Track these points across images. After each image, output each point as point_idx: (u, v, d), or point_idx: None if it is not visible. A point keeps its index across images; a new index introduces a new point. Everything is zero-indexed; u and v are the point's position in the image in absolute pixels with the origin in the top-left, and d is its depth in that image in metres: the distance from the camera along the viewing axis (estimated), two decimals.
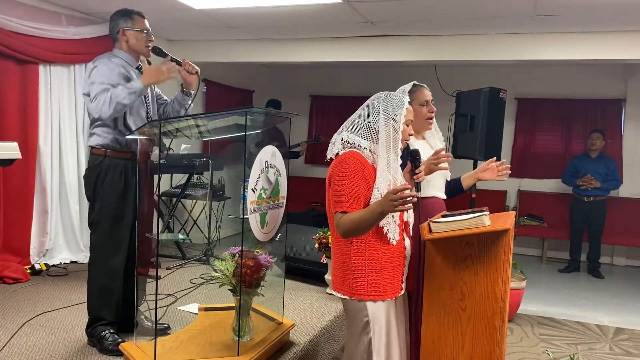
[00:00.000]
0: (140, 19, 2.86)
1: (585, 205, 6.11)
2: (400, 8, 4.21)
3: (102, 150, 2.79)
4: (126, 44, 2.85)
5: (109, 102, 2.62)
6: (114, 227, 2.78)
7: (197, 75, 2.92)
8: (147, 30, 2.86)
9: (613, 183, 6.07)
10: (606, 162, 6.12)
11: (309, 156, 8.04)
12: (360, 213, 1.98)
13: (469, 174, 2.80)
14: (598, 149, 6.15)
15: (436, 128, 2.79)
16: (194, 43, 5.83)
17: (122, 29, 2.82)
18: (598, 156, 6.15)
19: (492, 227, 2.05)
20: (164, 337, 2.74)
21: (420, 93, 2.65)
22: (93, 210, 2.82)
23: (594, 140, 6.13)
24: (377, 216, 1.94)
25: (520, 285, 4.45)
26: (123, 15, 2.84)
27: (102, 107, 2.63)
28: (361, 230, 2.00)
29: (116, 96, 2.63)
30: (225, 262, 2.61)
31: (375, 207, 1.94)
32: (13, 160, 2.99)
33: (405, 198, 1.84)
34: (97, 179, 2.78)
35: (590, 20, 4.33)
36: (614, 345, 4.06)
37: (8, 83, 4.18)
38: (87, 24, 4.75)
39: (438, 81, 6.02)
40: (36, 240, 4.52)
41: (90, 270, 2.86)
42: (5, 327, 3.08)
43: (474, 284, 2.09)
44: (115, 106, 2.63)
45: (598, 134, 6.16)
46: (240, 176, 2.48)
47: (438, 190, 2.70)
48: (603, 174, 6.06)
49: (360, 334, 2.11)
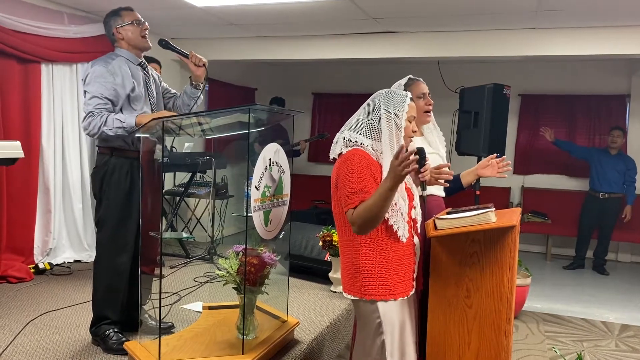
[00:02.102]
0: (128, 13, 2.84)
1: (600, 202, 6.07)
2: (403, 4, 4.19)
3: (108, 149, 2.79)
4: (124, 42, 2.84)
5: (99, 127, 2.64)
6: (119, 226, 2.78)
7: (205, 67, 2.92)
8: (137, 20, 2.84)
9: (631, 189, 6.03)
10: (626, 161, 6.07)
11: (312, 154, 8.03)
12: (370, 199, 1.93)
13: (469, 170, 2.75)
14: (618, 146, 6.10)
15: (434, 123, 2.75)
16: (197, 41, 5.82)
17: (115, 28, 2.82)
18: (618, 153, 6.11)
19: (498, 224, 2.04)
20: (168, 335, 2.73)
21: (416, 86, 2.63)
22: (99, 209, 2.83)
23: (614, 138, 6.07)
24: (388, 192, 1.89)
25: (526, 282, 4.43)
26: (112, 16, 2.84)
27: (92, 129, 2.65)
28: (376, 216, 1.94)
29: (106, 124, 2.64)
30: (229, 260, 2.59)
31: (384, 182, 1.89)
32: (16, 159, 2.99)
33: (408, 158, 1.80)
34: (104, 178, 2.78)
35: (594, 15, 4.31)
36: (620, 342, 4.04)
37: (10, 82, 4.18)
38: (88, 23, 4.74)
39: (441, 77, 6.01)
40: (40, 239, 4.52)
41: (95, 268, 2.86)
42: (9, 327, 3.08)
43: (480, 281, 2.07)
44: (101, 134, 2.67)
45: (619, 131, 6.10)
46: (243, 174, 2.47)
47: (436, 189, 2.65)
48: (621, 171, 6.02)
49: (373, 336, 2.06)
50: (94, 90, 2.67)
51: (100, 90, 2.66)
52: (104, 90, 2.67)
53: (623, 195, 6.05)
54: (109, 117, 2.65)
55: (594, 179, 6.14)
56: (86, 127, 2.67)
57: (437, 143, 2.75)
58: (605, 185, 6.05)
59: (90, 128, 2.65)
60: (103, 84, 2.68)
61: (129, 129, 2.65)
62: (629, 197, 6.03)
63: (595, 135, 6.87)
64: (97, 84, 2.68)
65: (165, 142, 2.79)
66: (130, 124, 2.65)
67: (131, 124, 2.65)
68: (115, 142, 2.77)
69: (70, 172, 4.68)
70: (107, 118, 2.65)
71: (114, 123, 2.65)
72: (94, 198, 2.90)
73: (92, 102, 2.66)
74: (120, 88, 2.72)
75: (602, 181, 6.06)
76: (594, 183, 6.15)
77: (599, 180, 6.09)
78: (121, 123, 2.65)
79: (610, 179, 6.03)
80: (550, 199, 6.93)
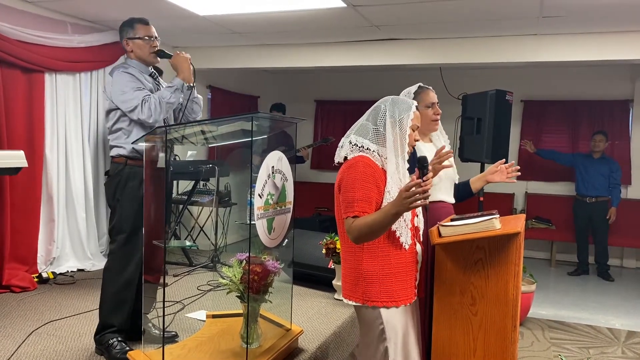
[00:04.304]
0: (141, 27, 2.88)
1: (587, 206, 6.10)
2: (405, 11, 4.20)
3: (122, 159, 2.83)
4: (133, 54, 2.89)
5: (159, 104, 2.73)
6: (132, 235, 2.79)
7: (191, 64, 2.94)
8: (149, 36, 2.87)
9: (616, 192, 6.03)
10: (609, 164, 6.11)
11: (315, 161, 8.03)
12: (373, 216, 1.94)
13: (478, 176, 2.76)
14: (601, 150, 6.14)
15: (441, 130, 2.77)
16: (199, 50, 5.84)
17: (126, 39, 2.88)
18: (601, 157, 6.14)
19: (503, 231, 2.03)
20: (171, 345, 2.72)
21: (426, 95, 2.64)
22: (113, 218, 2.86)
23: (597, 142, 6.14)
24: (392, 217, 1.90)
25: (530, 289, 4.41)
26: (126, 26, 2.89)
27: (154, 111, 2.73)
28: (374, 234, 1.96)
29: (163, 97, 2.75)
30: (233, 268, 2.59)
31: (389, 208, 1.89)
32: (19, 168, 3.01)
33: (418, 193, 1.81)
34: (117, 187, 2.81)
35: (597, 21, 4.30)
36: (627, 348, 4.01)
37: (14, 92, 4.20)
38: (92, 32, 4.77)
39: (444, 84, 6.01)
40: (43, 248, 4.52)
41: (105, 275, 2.87)
42: (12, 336, 3.07)
43: (484, 288, 2.06)
44: (165, 107, 2.76)
45: (601, 135, 6.15)
46: (246, 182, 2.47)
47: (446, 195, 2.66)
48: (606, 175, 6.04)
49: (376, 343, 2.05)
50: (131, 86, 2.75)
51: (133, 85, 2.76)
52: (137, 84, 2.77)
53: (609, 198, 6.06)
54: (161, 92, 2.79)
55: (580, 184, 6.20)
56: (148, 113, 2.72)
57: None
58: (591, 189, 6.08)
59: (152, 110, 2.72)
60: (134, 81, 2.78)
61: (181, 88, 2.81)
62: (614, 200, 6.04)
63: None
64: (129, 82, 2.76)
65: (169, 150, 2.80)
66: (180, 83, 2.81)
67: (180, 83, 2.81)
68: (129, 152, 2.80)
69: (73, 181, 4.68)
70: (160, 93, 2.77)
71: (168, 91, 2.78)
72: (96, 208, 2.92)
73: (136, 94, 2.74)
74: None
75: (588, 186, 6.11)
76: (579, 188, 6.20)
77: (584, 185, 6.14)
78: (172, 87, 2.79)
79: (596, 183, 6.06)
80: (554, 205, 6.91)
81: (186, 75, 2.84)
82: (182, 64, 2.86)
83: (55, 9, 4.43)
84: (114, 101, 2.79)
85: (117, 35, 3.00)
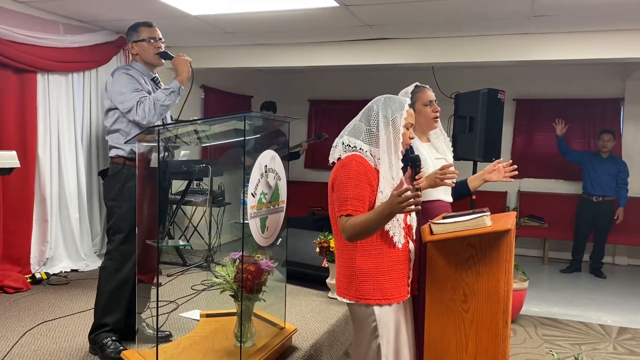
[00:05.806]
0: (145, 29, 2.91)
1: (593, 205, 6.10)
2: (397, 11, 4.22)
3: (121, 159, 2.85)
4: (138, 56, 2.92)
5: (154, 106, 2.75)
6: (129, 235, 2.80)
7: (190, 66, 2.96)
8: (152, 38, 2.89)
9: (624, 192, 6.05)
10: (617, 164, 6.11)
11: (309, 160, 8.04)
12: (367, 215, 1.95)
13: (476, 175, 2.77)
14: (609, 149, 6.13)
15: (441, 129, 2.77)
16: (192, 49, 5.82)
17: (131, 43, 2.92)
18: (609, 157, 6.14)
19: (493, 228, 2.04)
20: (165, 344, 2.73)
21: (423, 93, 2.64)
22: (111, 218, 2.87)
23: (605, 142, 6.10)
24: (385, 217, 1.92)
25: (523, 286, 4.44)
26: (131, 30, 2.93)
27: (148, 113, 2.74)
28: (368, 233, 1.97)
29: (158, 99, 2.76)
30: (226, 267, 2.60)
31: (383, 208, 1.91)
32: (12, 169, 3.00)
33: (410, 198, 1.83)
34: (116, 188, 2.83)
35: (587, 20, 4.34)
36: (618, 344, 4.05)
37: (6, 92, 4.18)
38: (84, 32, 4.75)
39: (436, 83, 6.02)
40: (36, 249, 4.51)
41: (101, 274, 2.88)
42: (6, 337, 3.07)
43: (476, 285, 2.07)
44: (159, 109, 2.77)
45: (609, 134, 6.12)
46: (240, 181, 2.48)
47: (443, 193, 2.67)
48: (614, 175, 6.05)
49: (369, 340, 2.07)
50: (130, 87, 2.77)
51: (131, 86, 2.78)
52: (135, 86, 2.79)
53: (616, 198, 6.08)
54: (156, 93, 2.79)
55: (587, 182, 6.19)
56: (142, 114, 2.74)
57: (444, 148, 2.76)
58: (598, 188, 6.08)
59: (147, 112, 2.74)
60: (133, 82, 2.79)
61: (177, 90, 2.82)
62: (621, 200, 6.06)
63: (590, 139, 6.89)
64: (128, 83, 2.78)
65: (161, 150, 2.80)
66: (177, 85, 2.82)
67: (177, 85, 2.82)
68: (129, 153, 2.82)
69: (66, 181, 4.67)
70: (155, 95, 2.78)
71: (163, 93, 2.79)
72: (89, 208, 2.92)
73: (132, 95, 2.75)
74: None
75: (595, 185, 6.10)
76: (586, 187, 6.19)
77: (591, 184, 6.13)
78: (168, 89, 2.80)
79: (603, 183, 6.07)
80: (546, 203, 6.95)
81: (184, 77, 2.87)
82: (182, 66, 2.88)
83: (47, 9, 4.41)
84: (113, 101, 2.81)
85: (110, 35, 3.02)
